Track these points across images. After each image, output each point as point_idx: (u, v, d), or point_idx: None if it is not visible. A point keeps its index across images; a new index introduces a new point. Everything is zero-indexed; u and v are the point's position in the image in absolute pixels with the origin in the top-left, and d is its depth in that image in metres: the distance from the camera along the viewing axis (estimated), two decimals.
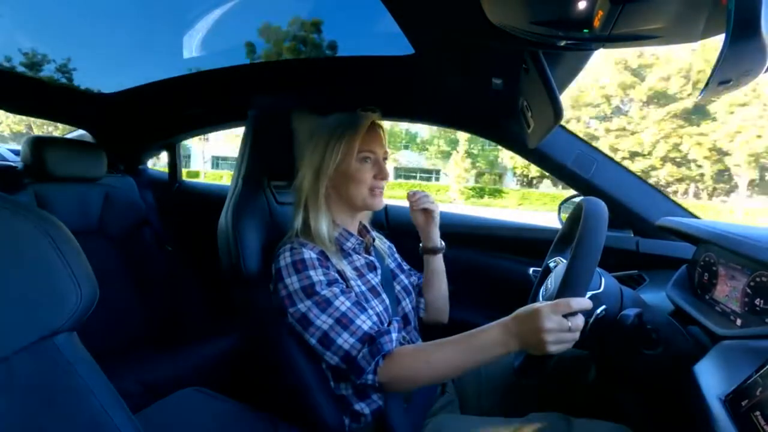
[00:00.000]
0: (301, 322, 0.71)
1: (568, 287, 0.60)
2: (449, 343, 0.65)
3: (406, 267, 1.00)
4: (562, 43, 0.64)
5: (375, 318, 0.73)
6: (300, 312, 0.71)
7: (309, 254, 0.74)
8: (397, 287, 0.89)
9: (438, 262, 0.97)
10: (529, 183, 20.40)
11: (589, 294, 0.63)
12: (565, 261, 0.80)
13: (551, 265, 0.85)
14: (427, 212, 0.93)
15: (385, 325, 0.75)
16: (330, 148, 0.77)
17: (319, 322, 0.69)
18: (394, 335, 0.71)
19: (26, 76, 1.24)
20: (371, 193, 0.81)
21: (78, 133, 1.79)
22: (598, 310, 0.63)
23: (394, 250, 1.01)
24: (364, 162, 0.79)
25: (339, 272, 0.76)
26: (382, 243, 0.97)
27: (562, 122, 0.84)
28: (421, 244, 0.97)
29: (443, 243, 0.97)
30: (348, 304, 0.71)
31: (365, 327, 0.69)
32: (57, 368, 0.41)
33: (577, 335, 0.59)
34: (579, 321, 0.59)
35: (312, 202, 0.78)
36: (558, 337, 0.58)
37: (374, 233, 0.94)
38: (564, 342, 0.58)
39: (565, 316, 0.58)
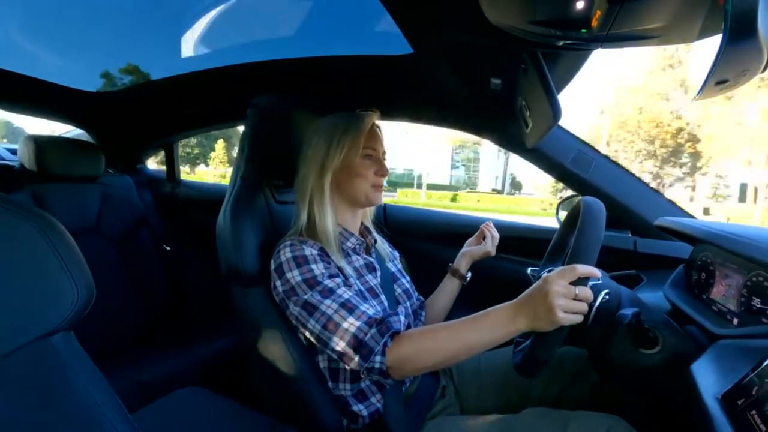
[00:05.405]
0: (306, 308, 0.70)
1: (574, 261, 0.61)
2: (457, 322, 0.65)
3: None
4: (561, 44, 0.64)
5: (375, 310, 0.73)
6: (303, 299, 0.71)
7: (310, 250, 0.74)
8: (398, 290, 0.89)
9: (451, 285, 0.99)
10: None
11: (590, 283, 0.63)
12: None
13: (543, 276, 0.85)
14: (479, 240, 1.02)
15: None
16: (334, 145, 0.78)
17: (324, 306, 0.69)
18: (402, 318, 0.71)
19: (25, 75, 1.23)
20: (373, 188, 0.82)
21: (76, 132, 1.78)
22: (602, 293, 0.63)
23: (397, 256, 1.00)
24: (367, 159, 0.81)
25: (339, 269, 0.76)
26: (385, 246, 0.96)
27: None
28: (451, 264, 1.01)
29: (469, 276, 1.00)
30: (350, 293, 0.71)
31: (370, 312, 0.69)
32: (54, 368, 0.41)
33: (585, 307, 0.59)
34: (587, 290, 0.59)
35: (317, 197, 0.79)
36: (566, 303, 0.57)
37: (377, 236, 0.93)
38: (573, 310, 0.58)
39: (573, 285, 0.58)
